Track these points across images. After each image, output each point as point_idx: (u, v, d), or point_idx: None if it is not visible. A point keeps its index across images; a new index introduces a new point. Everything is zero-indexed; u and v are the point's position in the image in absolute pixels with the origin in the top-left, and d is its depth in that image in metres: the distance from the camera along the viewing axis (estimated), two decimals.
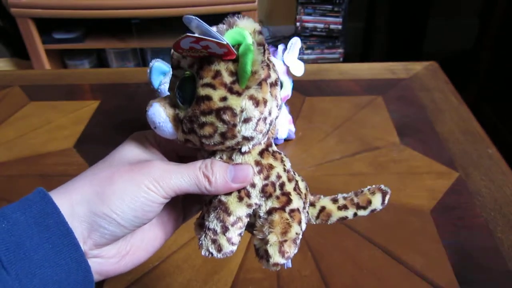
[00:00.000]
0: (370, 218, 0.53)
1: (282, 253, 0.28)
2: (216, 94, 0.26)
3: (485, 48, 1.72)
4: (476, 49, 1.81)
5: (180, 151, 0.33)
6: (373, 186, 0.32)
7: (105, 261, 0.28)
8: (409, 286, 0.46)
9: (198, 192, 0.29)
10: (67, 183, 0.28)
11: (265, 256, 0.28)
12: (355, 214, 0.32)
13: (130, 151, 0.30)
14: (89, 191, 0.27)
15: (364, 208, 0.32)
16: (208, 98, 0.26)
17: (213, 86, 0.26)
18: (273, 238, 0.28)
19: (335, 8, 2.09)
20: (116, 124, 0.73)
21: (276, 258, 0.28)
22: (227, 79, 0.26)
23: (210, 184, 0.28)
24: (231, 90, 0.26)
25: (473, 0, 2.10)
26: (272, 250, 0.28)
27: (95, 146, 0.68)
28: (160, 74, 0.59)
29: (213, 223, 0.28)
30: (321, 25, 2.15)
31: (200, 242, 0.29)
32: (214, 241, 0.28)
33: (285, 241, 0.28)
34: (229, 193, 0.29)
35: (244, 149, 0.29)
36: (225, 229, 0.28)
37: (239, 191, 0.29)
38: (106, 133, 0.71)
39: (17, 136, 0.72)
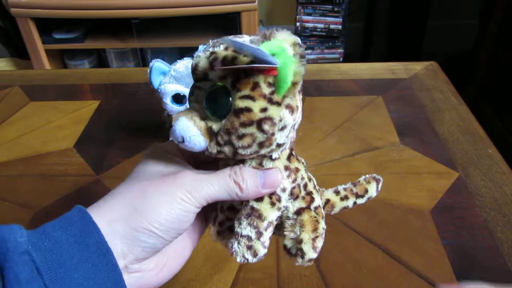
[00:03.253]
0: (370, 218, 0.53)
1: (315, 248, 0.30)
2: (257, 106, 0.26)
3: (485, 48, 1.72)
4: (476, 49, 1.81)
5: (197, 158, 0.33)
6: (368, 175, 0.36)
7: (145, 274, 0.28)
8: (409, 286, 0.46)
9: (228, 199, 0.29)
10: (101, 201, 0.28)
11: (300, 253, 0.30)
12: (355, 203, 0.35)
13: (155, 164, 0.30)
14: (125, 208, 0.27)
15: (362, 196, 0.35)
16: (248, 109, 0.26)
17: (252, 98, 0.26)
18: (306, 236, 0.30)
19: (335, 8, 2.10)
20: (116, 124, 0.73)
21: (310, 254, 0.30)
22: (266, 90, 0.26)
23: (242, 191, 0.29)
24: (271, 101, 0.26)
25: (473, 0, 2.10)
26: (307, 248, 0.30)
27: (95, 146, 0.68)
28: (160, 74, 0.59)
29: (247, 230, 0.29)
30: (321, 25, 2.15)
31: (234, 249, 0.29)
32: (249, 247, 0.29)
33: (316, 237, 0.30)
34: (260, 200, 0.30)
35: (274, 155, 0.30)
36: (259, 235, 0.29)
37: (270, 196, 0.30)
38: (106, 133, 0.71)
39: (17, 136, 0.72)
